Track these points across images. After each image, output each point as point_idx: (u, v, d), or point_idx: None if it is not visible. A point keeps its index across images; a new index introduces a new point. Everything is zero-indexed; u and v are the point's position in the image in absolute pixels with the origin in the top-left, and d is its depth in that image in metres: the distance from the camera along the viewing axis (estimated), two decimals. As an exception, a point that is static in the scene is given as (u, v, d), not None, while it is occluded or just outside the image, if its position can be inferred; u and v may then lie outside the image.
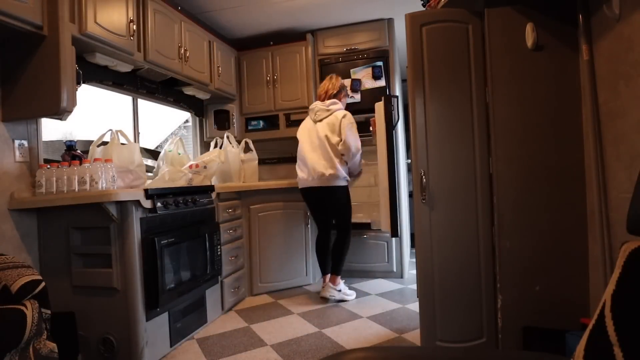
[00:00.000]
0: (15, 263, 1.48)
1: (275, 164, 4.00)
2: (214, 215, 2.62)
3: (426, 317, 1.78)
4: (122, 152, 2.22)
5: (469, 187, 1.74)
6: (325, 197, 2.85)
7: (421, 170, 1.77)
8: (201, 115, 3.76)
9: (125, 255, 1.86)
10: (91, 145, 2.19)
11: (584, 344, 0.73)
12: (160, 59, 2.58)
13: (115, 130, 2.25)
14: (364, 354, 0.87)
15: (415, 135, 1.78)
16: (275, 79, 3.62)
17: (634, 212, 0.74)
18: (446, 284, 1.76)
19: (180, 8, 2.87)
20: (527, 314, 1.64)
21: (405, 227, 3.70)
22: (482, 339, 1.73)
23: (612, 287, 0.72)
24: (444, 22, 1.76)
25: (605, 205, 1.46)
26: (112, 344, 1.86)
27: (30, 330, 1.33)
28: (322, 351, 2.06)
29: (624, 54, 1.30)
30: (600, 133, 1.48)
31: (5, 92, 1.86)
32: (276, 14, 3.28)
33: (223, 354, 2.07)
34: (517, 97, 1.66)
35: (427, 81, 1.77)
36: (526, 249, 1.65)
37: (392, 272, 3.38)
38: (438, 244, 1.77)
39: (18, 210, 1.89)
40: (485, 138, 1.72)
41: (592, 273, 1.57)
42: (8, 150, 1.89)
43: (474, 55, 1.73)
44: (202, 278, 2.39)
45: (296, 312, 2.68)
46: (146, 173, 2.41)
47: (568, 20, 1.58)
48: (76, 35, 1.93)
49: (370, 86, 3.42)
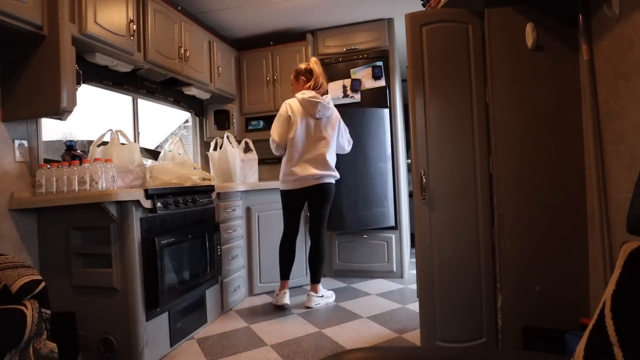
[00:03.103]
0: (15, 263, 1.48)
1: (275, 164, 3.99)
2: (214, 215, 2.61)
3: (426, 317, 1.78)
4: (122, 152, 2.21)
5: (469, 187, 1.74)
6: (318, 196, 2.74)
7: (421, 170, 1.77)
8: (201, 115, 3.76)
9: (125, 255, 1.86)
10: (91, 145, 2.19)
11: (584, 344, 0.73)
12: (160, 59, 2.58)
13: (115, 130, 2.25)
14: (364, 354, 0.87)
15: (415, 135, 1.78)
16: (275, 79, 3.62)
17: (634, 212, 0.74)
18: (446, 284, 1.76)
19: (180, 8, 2.87)
20: (527, 314, 1.64)
21: (405, 227, 3.70)
22: (482, 339, 1.73)
23: (612, 287, 0.72)
24: (444, 22, 1.76)
25: (605, 206, 1.46)
26: (112, 344, 1.86)
27: (30, 330, 1.33)
28: (322, 351, 2.06)
29: (624, 53, 1.30)
30: (600, 133, 1.48)
31: (5, 92, 1.86)
32: (276, 14, 3.28)
33: (223, 354, 2.07)
34: (517, 97, 1.66)
35: (427, 81, 1.77)
36: (526, 249, 1.65)
37: (392, 272, 3.38)
38: (438, 244, 1.76)
39: (18, 210, 1.89)
40: (485, 138, 1.72)
41: (592, 273, 1.56)
42: (8, 150, 1.89)
43: (474, 55, 1.73)
44: (202, 278, 2.39)
45: (296, 312, 2.68)
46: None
47: (568, 20, 1.58)
48: (76, 35, 1.93)
49: (370, 86, 3.42)
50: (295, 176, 2.70)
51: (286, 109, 2.74)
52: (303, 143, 2.72)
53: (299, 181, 2.70)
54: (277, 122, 2.77)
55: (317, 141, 2.72)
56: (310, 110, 2.71)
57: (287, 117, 2.72)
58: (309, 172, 2.68)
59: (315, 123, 2.73)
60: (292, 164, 2.72)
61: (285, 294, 2.73)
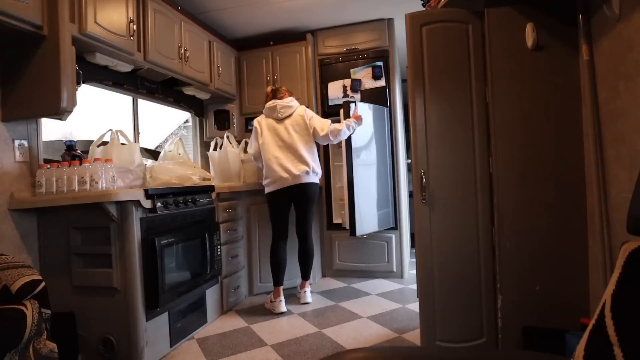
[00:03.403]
0: (15, 263, 1.48)
1: (275, 164, 3.99)
2: (214, 215, 2.61)
3: (426, 317, 1.78)
4: (122, 152, 2.21)
5: (469, 187, 1.74)
6: (302, 196, 2.73)
7: (421, 170, 1.77)
8: (201, 115, 3.76)
9: (125, 255, 1.86)
10: (91, 145, 2.20)
11: (584, 344, 0.73)
12: (160, 59, 2.58)
13: (115, 130, 2.25)
14: (364, 354, 0.87)
15: (415, 135, 1.78)
16: (275, 79, 3.62)
17: (634, 212, 0.74)
18: (446, 284, 1.76)
19: (180, 8, 2.87)
20: (527, 314, 1.64)
21: (406, 227, 3.70)
22: (482, 339, 1.73)
23: (612, 287, 0.72)
24: (444, 22, 1.76)
25: (605, 206, 1.46)
26: (112, 344, 1.86)
27: (30, 330, 1.33)
28: (322, 351, 2.06)
29: (624, 54, 1.30)
30: (600, 133, 1.48)
31: (6, 92, 1.86)
32: (276, 14, 3.28)
33: (223, 354, 2.07)
34: (517, 97, 1.66)
35: (427, 81, 1.77)
36: (526, 249, 1.65)
37: (392, 272, 3.38)
38: (438, 244, 1.76)
39: (18, 210, 1.89)
40: (485, 138, 1.72)
41: (592, 273, 1.57)
42: (8, 150, 1.89)
43: (474, 55, 1.73)
44: (202, 278, 2.39)
45: (296, 312, 2.68)
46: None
47: (568, 20, 1.58)
48: (76, 35, 1.93)
49: (370, 86, 3.42)
50: (273, 177, 2.70)
51: (255, 124, 2.86)
52: (275, 146, 2.74)
53: (279, 181, 2.69)
54: (250, 139, 2.91)
55: (289, 141, 2.73)
56: (272, 115, 2.80)
57: (255, 129, 2.84)
58: (288, 172, 2.67)
59: (283, 126, 2.77)
60: (270, 166, 2.72)
61: (281, 302, 2.69)
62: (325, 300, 2.89)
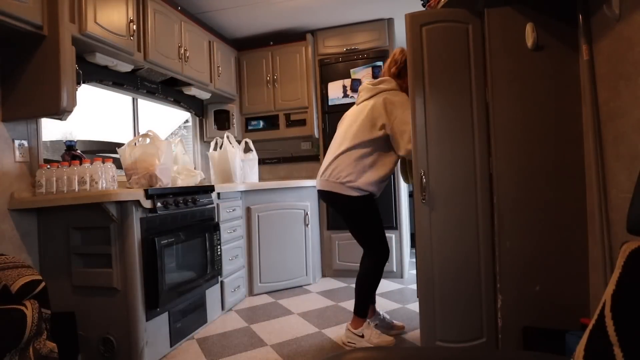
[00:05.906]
0: (15, 263, 1.48)
1: (275, 164, 4.00)
2: (214, 215, 2.61)
3: (426, 317, 1.78)
4: (163, 151, 2.16)
5: (469, 187, 1.74)
6: (333, 207, 2.27)
7: (421, 170, 1.77)
8: (201, 115, 3.76)
9: (125, 255, 1.86)
10: (127, 144, 2.14)
11: (584, 344, 0.73)
12: (160, 59, 2.58)
13: (147, 131, 2.20)
14: (364, 354, 0.87)
15: (415, 135, 1.78)
16: (275, 79, 3.62)
17: (634, 212, 0.74)
18: (446, 284, 1.76)
19: (180, 8, 2.87)
20: (527, 314, 1.64)
21: (405, 227, 3.70)
22: (482, 339, 1.73)
23: (612, 287, 0.72)
24: (444, 22, 1.76)
25: (605, 205, 1.46)
26: (112, 344, 1.86)
27: (30, 330, 1.33)
28: (322, 351, 2.06)
29: (624, 53, 1.30)
30: (600, 133, 1.47)
31: (6, 92, 1.86)
32: (276, 14, 3.28)
33: (223, 354, 2.07)
34: (517, 97, 1.66)
35: (427, 81, 1.77)
36: (526, 249, 1.65)
37: (392, 272, 3.38)
38: (438, 244, 1.76)
39: (18, 210, 1.89)
40: (485, 138, 1.72)
41: (592, 273, 1.56)
42: (8, 150, 1.89)
43: (474, 55, 1.73)
44: (202, 278, 2.39)
45: (296, 312, 2.68)
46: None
47: (568, 20, 1.58)
48: (76, 35, 1.93)
49: (370, 86, 3.41)
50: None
51: None
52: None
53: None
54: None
55: (339, 132, 2.22)
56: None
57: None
58: (321, 171, 2.21)
59: (352, 111, 2.22)
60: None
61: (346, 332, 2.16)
62: (325, 300, 2.89)
